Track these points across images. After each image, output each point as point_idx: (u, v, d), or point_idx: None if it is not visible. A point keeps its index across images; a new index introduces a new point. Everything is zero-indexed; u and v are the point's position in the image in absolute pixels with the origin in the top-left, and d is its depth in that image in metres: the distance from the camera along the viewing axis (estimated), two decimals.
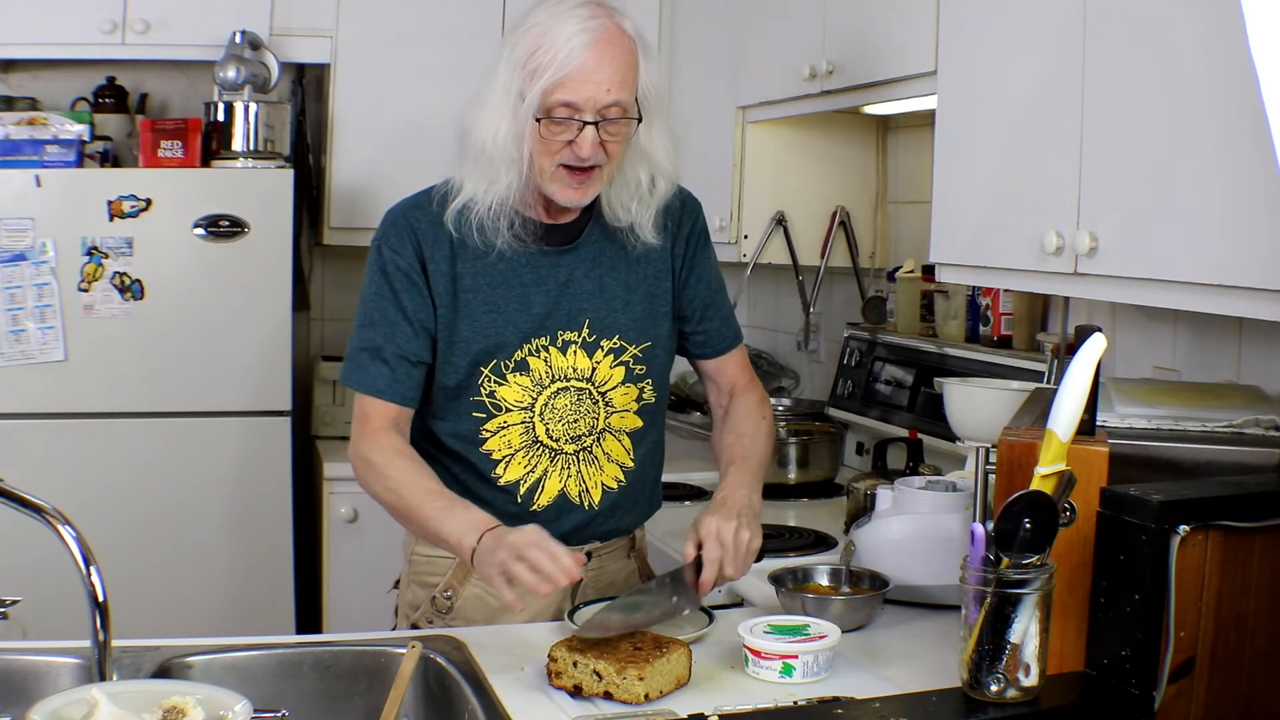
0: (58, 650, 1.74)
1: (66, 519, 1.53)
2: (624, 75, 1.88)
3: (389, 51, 3.61)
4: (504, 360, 2.00)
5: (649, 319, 2.08)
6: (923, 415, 3.01)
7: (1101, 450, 1.62)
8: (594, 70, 1.85)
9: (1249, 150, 1.62)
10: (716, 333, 2.17)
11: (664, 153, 2.00)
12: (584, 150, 1.87)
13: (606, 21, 1.88)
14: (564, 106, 1.86)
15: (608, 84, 1.86)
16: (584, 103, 1.86)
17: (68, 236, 3.20)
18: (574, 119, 1.86)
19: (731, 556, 1.86)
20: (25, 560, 2.48)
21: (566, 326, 2.02)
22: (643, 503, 2.16)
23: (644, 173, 1.99)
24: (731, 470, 2.03)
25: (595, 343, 2.03)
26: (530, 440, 2.03)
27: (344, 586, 3.44)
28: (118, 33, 3.40)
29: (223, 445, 3.34)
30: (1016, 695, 1.53)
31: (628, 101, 1.89)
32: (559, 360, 2.02)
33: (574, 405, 2.03)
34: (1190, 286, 1.77)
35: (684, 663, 1.72)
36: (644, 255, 2.07)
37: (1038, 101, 2.08)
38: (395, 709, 1.60)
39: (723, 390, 2.21)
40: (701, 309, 2.14)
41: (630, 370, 2.06)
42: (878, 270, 3.47)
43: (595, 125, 1.87)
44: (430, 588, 2.09)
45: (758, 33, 3.27)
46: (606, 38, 1.86)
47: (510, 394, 2.01)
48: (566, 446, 2.04)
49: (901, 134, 3.39)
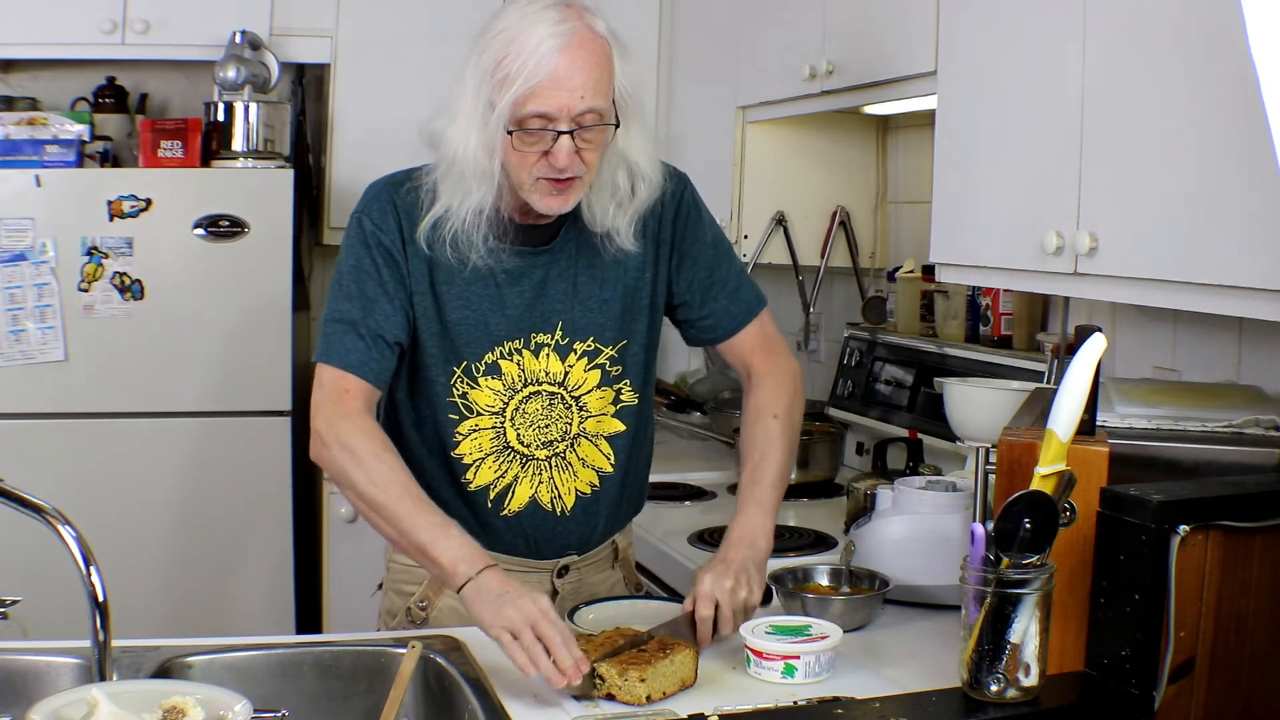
0: (58, 650, 1.74)
1: (66, 519, 1.53)
2: (598, 80, 1.78)
3: (389, 51, 3.61)
4: (474, 363, 1.94)
5: (626, 315, 2.00)
6: (923, 415, 3.01)
7: (1101, 450, 1.62)
8: (566, 77, 1.75)
9: (1249, 150, 1.62)
10: (724, 312, 2.05)
11: (644, 156, 1.90)
12: (560, 161, 1.78)
13: (578, 24, 1.77)
14: (537, 117, 1.76)
15: (581, 90, 1.76)
16: (558, 111, 1.76)
17: (68, 236, 3.20)
18: (548, 129, 1.77)
19: (727, 616, 1.82)
20: (25, 560, 2.49)
21: (539, 329, 1.96)
22: (621, 506, 2.10)
23: (623, 177, 1.90)
24: (739, 509, 1.96)
25: (568, 346, 1.97)
26: (500, 445, 1.97)
27: (344, 586, 3.44)
28: (118, 33, 3.40)
29: (223, 445, 3.34)
30: (1016, 695, 1.53)
31: (603, 107, 1.80)
32: (531, 364, 1.96)
33: (545, 410, 1.98)
34: (1190, 286, 1.77)
35: (689, 665, 1.71)
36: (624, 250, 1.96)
37: (1038, 101, 2.08)
38: (395, 709, 1.60)
39: (741, 373, 2.10)
40: (701, 292, 2.04)
41: (606, 372, 2.00)
42: (878, 270, 3.47)
43: (571, 134, 1.77)
44: (406, 596, 2.05)
45: (758, 33, 3.27)
46: (578, 41, 1.76)
47: (482, 398, 1.96)
48: (538, 452, 1.99)
49: (901, 134, 3.38)
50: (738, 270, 2.09)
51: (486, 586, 1.72)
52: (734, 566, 1.85)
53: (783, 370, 2.08)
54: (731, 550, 1.89)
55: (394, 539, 1.85)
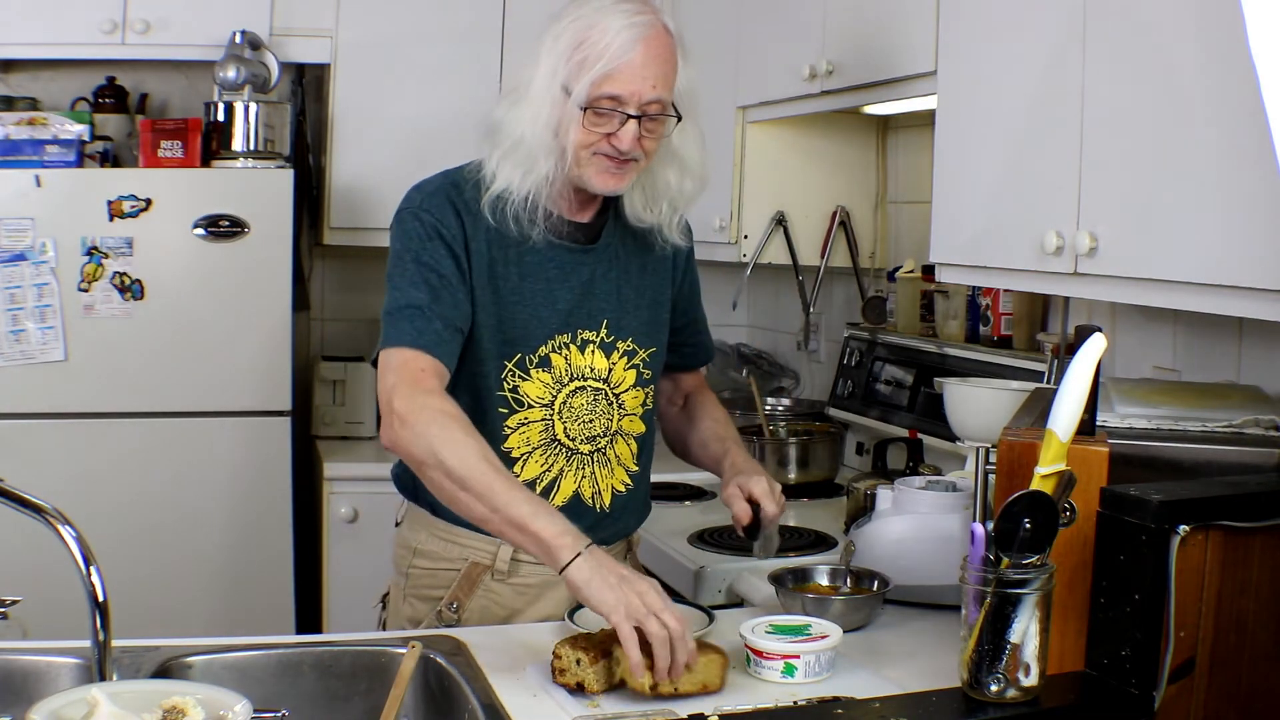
0: (58, 650, 1.74)
1: (66, 519, 1.53)
2: (666, 73, 1.90)
3: (389, 51, 3.62)
4: (529, 355, 1.98)
5: (655, 325, 2.10)
6: (923, 415, 3.01)
7: (1101, 450, 1.62)
8: (642, 65, 1.86)
9: (1249, 150, 1.62)
10: (703, 346, 2.28)
11: (695, 155, 2.01)
12: (624, 144, 1.88)
13: (653, 18, 1.89)
14: (609, 99, 1.87)
15: (653, 80, 1.87)
16: (629, 97, 1.87)
17: (68, 236, 3.20)
18: (617, 111, 1.87)
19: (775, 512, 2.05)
20: (25, 560, 2.49)
21: (586, 325, 2.02)
22: (642, 506, 2.17)
23: (674, 173, 2.01)
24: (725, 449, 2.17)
25: (612, 344, 2.04)
26: (549, 438, 2.01)
27: (344, 586, 3.44)
28: (118, 33, 3.41)
29: (223, 445, 3.34)
30: (1016, 695, 1.53)
31: (668, 100, 1.91)
32: (578, 359, 2.01)
33: (590, 405, 2.02)
34: (1190, 286, 1.77)
35: (712, 669, 1.69)
36: (654, 262, 2.09)
37: (1038, 101, 2.08)
38: (395, 709, 1.60)
39: (680, 391, 2.31)
40: (693, 321, 2.23)
41: (640, 374, 2.07)
42: (878, 270, 3.47)
43: (638, 120, 1.88)
44: (433, 601, 2.05)
45: (758, 33, 3.27)
46: (654, 34, 1.88)
47: (532, 390, 1.99)
48: (582, 447, 2.03)
49: (901, 134, 3.38)
50: (706, 321, 2.30)
51: (604, 565, 1.68)
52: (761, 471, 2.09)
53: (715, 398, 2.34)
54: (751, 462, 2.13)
55: (482, 517, 1.78)
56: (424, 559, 2.05)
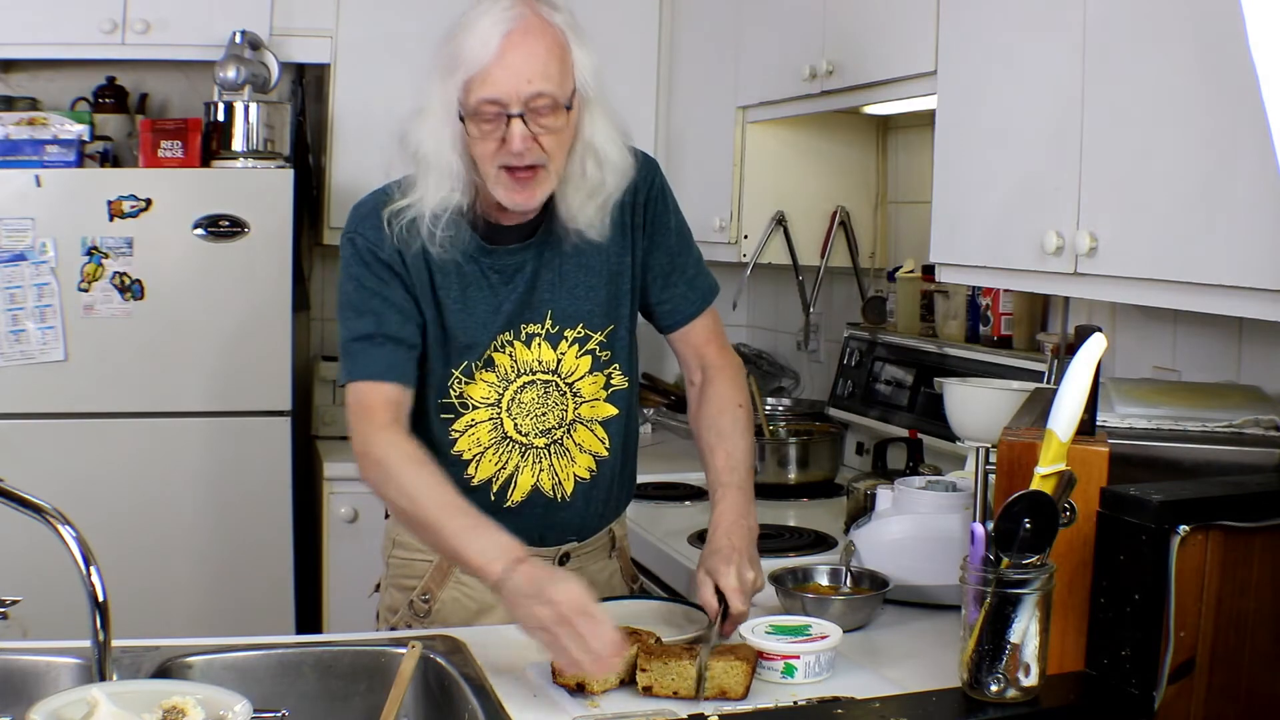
0: (58, 650, 1.74)
1: (66, 519, 1.53)
2: (546, 65, 1.79)
3: (389, 51, 3.61)
4: (474, 361, 1.96)
5: (612, 300, 2.02)
6: (923, 415, 3.01)
7: (1101, 450, 1.62)
8: (511, 62, 1.77)
9: (1249, 150, 1.62)
10: (682, 298, 2.08)
11: (610, 144, 1.90)
12: (514, 145, 1.79)
13: (524, 10, 1.80)
14: (488, 103, 1.79)
15: (528, 75, 1.78)
16: (506, 96, 1.78)
17: (68, 236, 3.20)
18: (500, 114, 1.79)
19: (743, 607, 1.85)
20: (25, 560, 2.49)
21: (530, 320, 1.97)
22: (616, 491, 2.12)
23: (591, 166, 1.90)
24: (723, 493, 1.99)
25: (559, 334, 1.99)
26: (499, 436, 2.00)
27: (344, 586, 3.43)
28: (118, 33, 3.40)
29: (223, 445, 3.34)
30: (1016, 695, 1.53)
31: (555, 92, 1.80)
32: (523, 354, 1.98)
33: (540, 398, 2.00)
34: (1190, 286, 1.77)
35: (734, 674, 1.67)
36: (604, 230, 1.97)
37: (1038, 101, 2.08)
38: (395, 709, 1.60)
39: (693, 365, 2.12)
40: (663, 276, 2.07)
41: (596, 358, 2.02)
42: (878, 270, 3.47)
43: (523, 119, 1.78)
44: (408, 591, 2.07)
45: (758, 33, 3.27)
46: (523, 27, 1.79)
47: (477, 391, 1.98)
48: (536, 440, 2.01)
49: (901, 134, 3.39)
50: (696, 258, 2.12)
51: (517, 587, 1.69)
52: (742, 553, 1.87)
53: (736, 364, 2.14)
54: (732, 535, 1.91)
55: (435, 546, 1.88)
56: (402, 550, 2.07)
